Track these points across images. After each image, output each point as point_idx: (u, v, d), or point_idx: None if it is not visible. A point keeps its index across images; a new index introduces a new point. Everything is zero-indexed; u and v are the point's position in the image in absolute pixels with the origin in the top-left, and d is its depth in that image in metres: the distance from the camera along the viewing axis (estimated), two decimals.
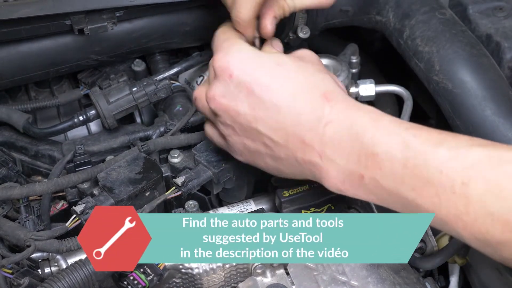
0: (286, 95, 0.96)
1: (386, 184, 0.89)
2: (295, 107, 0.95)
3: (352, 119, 0.92)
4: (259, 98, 0.96)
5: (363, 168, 0.90)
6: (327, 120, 0.93)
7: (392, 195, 0.89)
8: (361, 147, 0.90)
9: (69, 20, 1.19)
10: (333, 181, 0.94)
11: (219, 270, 1.04)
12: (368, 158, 0.89)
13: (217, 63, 1.00)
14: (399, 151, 0.87)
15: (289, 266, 1.03)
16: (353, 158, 0.91)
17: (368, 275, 1.02)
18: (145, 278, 0.98)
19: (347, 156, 0.91)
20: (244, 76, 0.97)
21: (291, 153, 0.96)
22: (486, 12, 1.28)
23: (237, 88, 0.98)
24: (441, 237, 1.26)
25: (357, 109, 0.94)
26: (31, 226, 1.08)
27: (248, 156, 1.03)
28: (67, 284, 0.93)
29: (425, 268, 1.16)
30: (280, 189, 1.09)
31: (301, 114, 0.94)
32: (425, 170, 0.84)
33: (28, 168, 1.27)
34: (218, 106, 1.00)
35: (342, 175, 0.93)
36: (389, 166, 0.87)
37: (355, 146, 0.91)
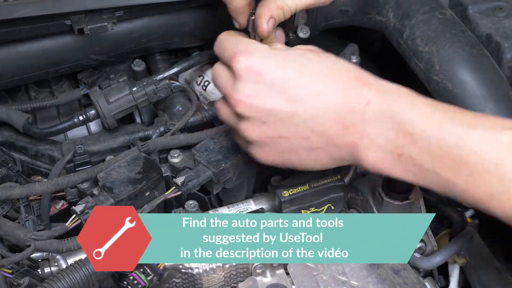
0: (322, 82, 0.97)
1: (423, 162, 0.92)
2: (334, 91, 0.96)
3: (390, 100, 0.95)
4: (294, 90, 0.96)
5: (400, 147, 0.93)
6: (367, 100, 0.95)
7: (428, 173, 0.92)
8: (399, 126, 0.93)
9: (69, 20, 1.19)
10: (371, 160, 0.96)
11: (219, 270, 1.04)
12: (406, 137, 0.92)
13: (241, 64, 0.98)
14: (435, 132, 0.90)
15: (289, 266, 1.03)
16: (392, 136, 0.93)
17: (368, 275, 1.02)
18: (145, 278, 0.98)
19: (386, 135, 0.94)
20: (274, 72, 0.97)
21: (330, 140, 0.97)
22: (486, 12, 1.28)
23: (269, 85, 0.97)
24: (441, 237, 1.26)
25: (393, 90, 0.97)
26: (31, 226, 1.08)
27: (278, 156, 1.02)
28: (67, 284, 0.93)
29: (425, 268, 1.16)
30: (280, 189, 1.09)
31: (341, 97, 0.96)
32: (459, 151, 0.88)
33: (28, 168, 1.27)
34: (249, 108, 0.98)
35: (381, 154, 0.95)
36: (425, 145, 0.91)
37: (393, 126, 0.93)
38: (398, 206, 1.14)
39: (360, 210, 1.23)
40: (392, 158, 0.94)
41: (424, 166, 0.92)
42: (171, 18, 1.29)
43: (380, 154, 0.95)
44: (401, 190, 1.12)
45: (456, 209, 1.24)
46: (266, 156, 1.03)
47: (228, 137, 1.17)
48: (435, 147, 0.90)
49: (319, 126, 0.96)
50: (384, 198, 1.14)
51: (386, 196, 1.14)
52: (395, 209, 1.15)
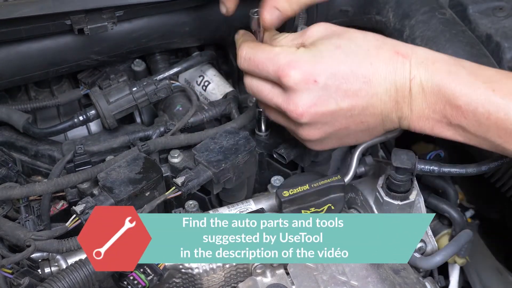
0: (369, 67, 1.01)
1: (473, 130, 0.98)
2: (381, 73, 1.00)
3: (431, 72, 0.99)
4: (347, 85, 1.01)
5: (449, 116, 0.98)
6: (412, 76, 0.99)
7: (479, 139, 0.98)
8: (445, 99, 0.98)
9: (69, 20, 1.19)
10: (421, 128, 1.02)
11: (219, 270, 1.04)
12: (453, 109, 0.97)
13: (294, 78, 1.00)
14: (481, 105, 0.95)
15: (289, 266, 1.03)
16: (439, 108, 0.98)
17: (368, 275, 1.02)
18: (145, 278, 0.98)
19: (433, 107, 0.99)
20: (326, 73, 1.00)
21: (385, 117, 1.03)
22: (486, 12, 1.28)
23: (325, 88, 1.01)
24: (441, 237, 1.26)
25: (433, 60, 1.00)
26: (31, 226, 1.08)
27: (336, 142, 1.10)
28: (67, 284, 0.93)
29: (425, 268, 1.16)
30: (280, 189, 1.09)
31: (389, 78, 1.00)
32: (508, 122, 0.95)
33: (28, 168, 1.27)
34: (312, 117, 1.03)
35: (431, 122, 1.01)
36: (472, 117, 0.96)
37: (439, 98, 0.98)
38: (398, 206, 1.14)
39: (360, 210, 1.23)
40: (441, 125, 1.00)
41: (473, 133, 0.98)
42: (171, 18, 1.29)
43: (430, 122, 1.01)
44: (401, 190, 1.13)
45: (456, 209, 1.24)
46: (325, 146, 1.10)
47: (228, 137, 1.17)
48: (483, 119, 0.96)
49: (375, 109, 1.02)
50: (384, 198, 1.14)
51: (386, 196, 1.14)
52: (395, 209, 1.15)
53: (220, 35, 1.35)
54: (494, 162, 1.10)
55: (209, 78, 1.37)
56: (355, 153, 1.28)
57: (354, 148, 1.29)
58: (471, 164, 1.12)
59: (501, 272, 1.44)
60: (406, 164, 1.10)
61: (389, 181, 1.13)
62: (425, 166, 1.12)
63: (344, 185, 1.11)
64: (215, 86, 1.36)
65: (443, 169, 1.12)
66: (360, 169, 1.31)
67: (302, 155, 1.20)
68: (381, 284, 1.01)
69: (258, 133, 1.24)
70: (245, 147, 1.16)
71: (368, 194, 1.20)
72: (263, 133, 1.24)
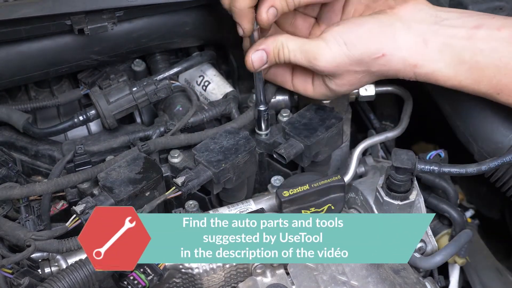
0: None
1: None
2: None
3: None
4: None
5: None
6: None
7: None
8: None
9: (69, 20, 1.19)
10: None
11: (219, 270, 1.04)
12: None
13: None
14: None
15: (289, 266, 1.03)
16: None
17: (368, 275, 1.02)
18: (145, 278, 0.98)
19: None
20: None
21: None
22: (486, 12, 1.28)
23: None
24: (441, 237, 1.26)
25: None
26: (31, 226, 1.08)
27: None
28: (67, 284, 0.93)
29: (425, 268, 1.16)
30: (280, 189, 1.09)
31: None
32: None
33: (28, 168, 1.27)
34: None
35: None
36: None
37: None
38: (398, 206, 1.14)
39: (360, 210, 1.23)
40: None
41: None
42: (171, 18, 1.29)
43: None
44: (401, 190, 1.13)
45: (456, 209, 1.24)
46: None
47: (228, 137, 1.17)
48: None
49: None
50: (384, 198, 1.14)
51: (386, 196, 1.14)
52: (395, 209, 1.15)
53: (220, 35, 1.35)
54: (494, 162, 1.10)
55: (209, 78, 1.37)
56: (355, 153, 1.28)
57: (354, 148, 1.29)
58: (471, 164, 1.12)
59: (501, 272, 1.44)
60: (406, 164, 1.10)
61: (389, 181, 1.13)
62: (425, 166, 1.12)
63: (344, 185, 1.11)
64: (215, 86, 1.36)
65: (443, 169, 1.12)
66: (360, 169, 1.31)
67: (302, 155, 1.19)
68: (381, 284, 1.01)
69: (258, 132, 1.24)
70: (245, 147, 1.16)
71: (368, 194, 1.20)
72: (263, 132, 1.24)
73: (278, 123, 1.26)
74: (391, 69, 1.12)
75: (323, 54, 1.12)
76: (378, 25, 1.11)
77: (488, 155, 1.17)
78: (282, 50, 1.15)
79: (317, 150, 1.20)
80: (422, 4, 1.13)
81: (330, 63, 1.13)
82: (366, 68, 1.13)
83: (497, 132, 1.16)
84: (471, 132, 1.17)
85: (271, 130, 1.24)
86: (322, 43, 1.13)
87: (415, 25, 1.11)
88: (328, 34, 1.13)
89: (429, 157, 1.22)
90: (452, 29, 1.09)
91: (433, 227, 1.25)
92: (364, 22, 1.13)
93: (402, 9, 1.12)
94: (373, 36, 1.11)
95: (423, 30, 1.10)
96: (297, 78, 1.22)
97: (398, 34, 1.11)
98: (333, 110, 1.24)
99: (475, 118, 1.18)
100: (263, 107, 1.22)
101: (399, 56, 1.11)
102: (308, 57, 1.14)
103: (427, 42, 1.10)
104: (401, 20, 1.11)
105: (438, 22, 1.11)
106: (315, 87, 1.20)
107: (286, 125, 1.21)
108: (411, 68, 1.11)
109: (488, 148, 1.18)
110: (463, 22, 1.10)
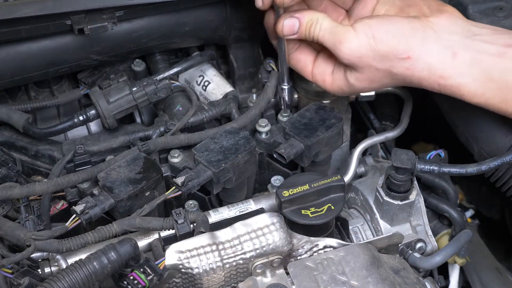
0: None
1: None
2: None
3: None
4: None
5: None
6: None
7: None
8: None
9: (69, 20, 1.18)
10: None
11: (219, 270, 1.04)
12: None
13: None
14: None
15: (289, 266, 1.03)
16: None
17: (368, 275, 1.01)
18: (145, 278, 0.98)
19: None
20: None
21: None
22: (486, 12, 1.28)
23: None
24: (441, 237, 1.26)
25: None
26: (31, 226, 1.08)
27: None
28: (67, 284, 0.93)
29: (425, 268, 1.16)
30: (280, 189, 1.09)
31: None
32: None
33: (28, 168, 1.27)
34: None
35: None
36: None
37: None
38: (398, 206, 1.14)
39: (360, 210, 1.23)
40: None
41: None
42: (171, 18, 1.29)
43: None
44: (401, 190, 1.13)
45: (456, 209, 1.24)
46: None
47: (228, 137, 1.17)
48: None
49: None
50: (384, 198, 1.14)
51: (386, 196, 1.14)
52: (395, 209, 1.15)
53: (220, 35, 1.35)
54: (494, 162, 1.10)
55: (209, 78, 1.37)
56: (355, 153, 1.28)
57: (354, 148, 1.29)
58: (471, 164, 1.12)
59: (501, 272, 1.44)
60: (406, 164, 1.10)
61: (389, 181, 1.13)
62: (425, 166, 1.12)
63: (344, 185, 1.11)
64: (215, 86, 1.36)
65: (443, 169, 1.12)
66: (360, 169, 1.31)
67: (302, 155, 1.20)
68: (381, 284, 1.01)
69: (282, 114, 1.26)
70: (245, 147, 1.16)
71: (368, 194, 1.20)
72: (284, 114, 1.26)
73: (278, 123, 1.26)
74: (415, 75, 1.11)
75: (349, 41, 1.11)
76: (409, 26, 1.10)
77: (488, 155, 1.17)
78: (315, 25, 1.15)
79: (317, 150, 1.20)
80: (456, 17, 1.13)
81: (353, 52, 1.11)
82: (388, 67, 1.11)
83: (497, 132, 1.16)
84: (471, 132, 1.17)
85: (271, 130, 1.25)
86: (351, 30, 1.12)
87: (447, 36, 1.10)
88: (359, 24, 1.12)
89: (429, 157, 1.22)
90: (483, 45, 1.08)
91: (433, 227, 1.25)
92: (396, 20, 1.12)
93: (436, 19, 1.11)
94: (403, 36, 1.10)
95: (453, 42, 1.09)
96: (318, 67, 1.21)
97: (428, 40, 1.09)
98: (333, 110, 1.24)
99: (475, 118, 1.18)
100: (286, 85, 1.25)
101: (425, 62, 1.09)
102: (334, 40, 1.13)
103: (456, 55, 1.08)
104: (433, 28, 1.10)
105: (470, 36, 1.10)
106: (334, 79, 1.19)
107: (286, 125, 1.21)
108: (436, 79, 1.10)
109: (488, 148, 1.18)
110: (495, 39, 1.09)
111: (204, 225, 1.05)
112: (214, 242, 1.01)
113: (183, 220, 1.05)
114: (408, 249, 1.17)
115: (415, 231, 1.18)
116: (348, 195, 1.25)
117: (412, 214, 1.18)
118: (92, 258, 0.94)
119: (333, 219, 1.09)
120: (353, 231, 1.20)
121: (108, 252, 0.95)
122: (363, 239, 1.19)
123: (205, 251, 1.01)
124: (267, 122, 1.24)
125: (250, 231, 1.02)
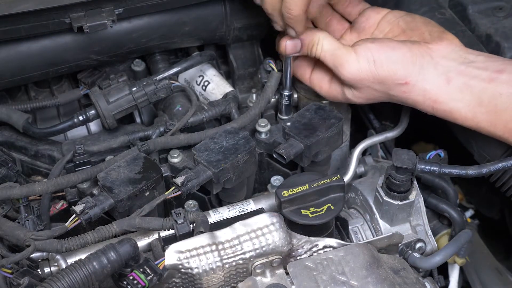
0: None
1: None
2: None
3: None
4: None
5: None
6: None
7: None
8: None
9: (68, 18, 1.18)
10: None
11: (219, 270, 1.04)
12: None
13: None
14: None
15: (289, 266, 1.03)
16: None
17: (367, 275, 1.01)
18: (145, 278, 0.98)
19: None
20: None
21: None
22: (486, 12, 1.28)
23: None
24: (441, 237, 1.26)
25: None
26: (30, 226, 1.08)
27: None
28: (67, 284, 0.93)
29: (425, 268, 1.16)
30: (280, 189, 1.09)
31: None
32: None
33: (28, 168, 1.27)
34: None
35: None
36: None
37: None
38: (398, 206, 1.14)
39: (360, 210, 1.23)
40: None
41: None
42: (171, 18, 1.29)
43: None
44: (401, 190, 1.13)
45: (456, 209, 1.24)
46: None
47: (228, 137, 1.17)
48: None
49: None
50: (384, 198, 1.14)
51: (386, 196, 1.14)
52: (395, 209, 1.15)
53: (220, 35, 1.35)
54: (495, 166, 1.10)
55: (209, 78, 1.37)
56: (355, 153, 1.28)
57: (354, 148, 1.29)
58: (471, 166, 1.12)
59: (501, 272, 1.44)
60: (407, 164, 1.10)
61: (389, 181, 1.13)
62: (425, 167, 1.12)
63: (344, 185, 1.11)
64: (215, 86, 1.36)
65: (443, 170, 1.12)
66: (360, 169, 1.31)
67: (302, 155, 1.20)
68: (381, 284, 1.01)
69: (280, 116, 1.27)
70: (245, 147, 1.16)
71: (368, 194, 1.20)
72: (284, 116, 1.28)
73: (278, 123, 1.26)
74: (411, 98, 1.15)
75: (350, 64, 1.15)
76: (410, 54, 1.14)
77: (488, 155, 1.17)
78: (316, 46, 1.19)
79: (317, 150, 1.20)
80: (454, 45, 1.16)
81: (353, 75, 1.16)
82: (386, 89, 1.16)
83: None
84: (471, 132, 1.17)
85: (271, 130, 1.25)
86: (353, 53, 1.16)
87: (443, 62, 1.13)
88: (361, 47, 1.16)
89: (429, 157, 1.22)
90: (476, 71, 1.11)
91: (433, 227, 1.25)
92: (398, 47, 1.15)
93: (436, 45, 1.15)
94: (402, 62, 1.14)
95: (449, 68, 1.13)
96: (316, 74, 1.25)
97: (426, 67, 1.13)
98: (333, 110, 1.24)
99: None
100: (287, 92, 1.26)
101: (421, 88, 1.13)
102: (335, 63, 1.17)
103: (450, 80, 1.12)
104: (431, 55, 1.14)
105: (465, 63, 1.13)
106: (331, 88, 1.24)
107: (286, 125, 1.21)
108: (431, 103, 1.14)
109: (488, 149, 1.18)
110: (488, 66, 1.11)
111: (203, 225, 1.05)
112: (213, 242, 1.01)
113: (183, 220, 1.05)
114: (408, 249, 1.17)
115: (415, 231, 1.18)
116: (348, 195, 1.25)
117: (412, 214, 1.18)
118: (92, 258, 0.94)
119: (332, 219, 1.09)
120: (353, 231, 1.20)
121: (108, 252, 0.95)
122: (362, 239, 1.19)
123: (204, 251, 1.01)
124: (267, 122, 1.24)
125: (249, 231, 1.02)
